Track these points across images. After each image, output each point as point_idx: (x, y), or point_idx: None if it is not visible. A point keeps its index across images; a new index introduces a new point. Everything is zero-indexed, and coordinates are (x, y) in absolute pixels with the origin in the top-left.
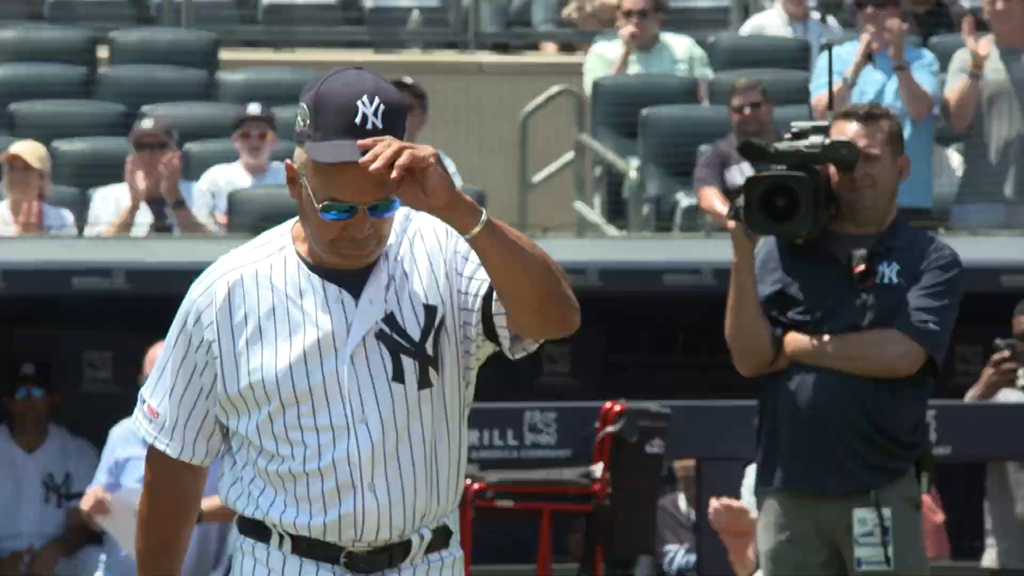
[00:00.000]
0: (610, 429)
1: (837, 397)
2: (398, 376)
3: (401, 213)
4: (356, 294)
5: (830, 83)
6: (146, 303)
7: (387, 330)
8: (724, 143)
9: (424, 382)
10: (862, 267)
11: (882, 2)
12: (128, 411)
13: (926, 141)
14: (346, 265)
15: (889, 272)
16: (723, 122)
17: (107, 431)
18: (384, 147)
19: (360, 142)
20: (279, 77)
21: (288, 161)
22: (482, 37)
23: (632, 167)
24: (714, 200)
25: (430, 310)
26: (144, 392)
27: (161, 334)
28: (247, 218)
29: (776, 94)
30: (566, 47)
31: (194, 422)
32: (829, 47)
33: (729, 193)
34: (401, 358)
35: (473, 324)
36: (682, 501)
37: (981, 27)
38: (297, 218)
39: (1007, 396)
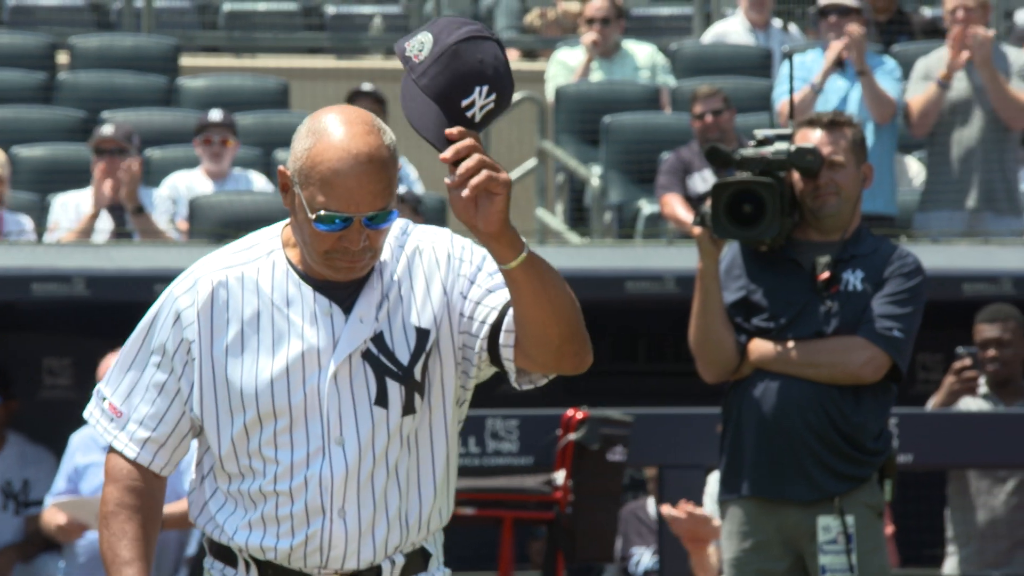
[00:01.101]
0: (572, 436)
1: (801, 404)
2: (381, 400)
3: (397, 226)
4: (346, 308)
5: (791, 91)
6: (106, 309)
7: (375, 351)
8: (686, 150)
9: (408, 408)
10: (826, 274)
11: (845, 11)
12: None
13: (889, 148)
14: (338, 278)
15: (853, 279)
16: (685, 129)
17: (66, 438)
18: (467, 149)
19: (448, 132)
20: (240, 83)
21: (282, 167)
22: None
23: (594, 174)
24: (677, 207)
25: (422, 333)
26: (105, 389)
27: (121, 341)
28: (208, 224)
29: (738, 101)
30: (528, 54)
31: (164, 428)
32: (790, 55)
33: (691, 200)
34: (387, 381)
35: (476, 350)
36: (651, 506)
37: (940, 35)
38: (287, 221)
39: (968, 404)
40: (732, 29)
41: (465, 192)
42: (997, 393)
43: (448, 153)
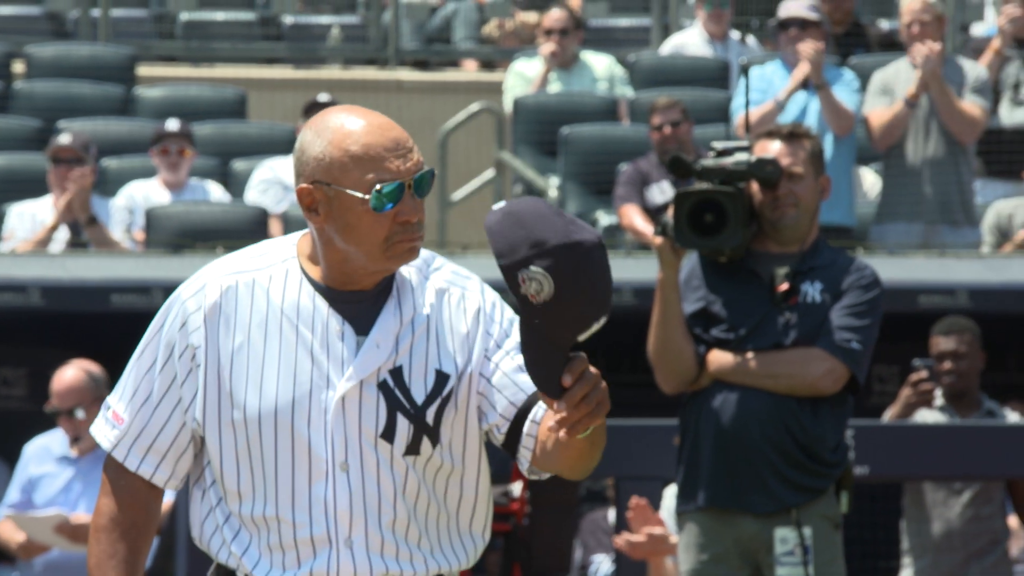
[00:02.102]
0: None
1: (760, 415)
2: (388, 434)
3: (421, 257)
4: (359, 329)
5: (747, 104)
6: (61, 320)
7: (391, 383)
8: (644, 161)
9: (413, 448)
10: (785, 285)
11: (805, 24)
12: (42, 428)
13: (848, 160)
14: (403, 262)
15: (812, 291)
16: (643, 141)
17: (21, 448)
18: (589, 384)
19: (570, 393)
20: (198, 93)
21: (302, 186)
22: (402, 54)
23: (552, 185)
24: (635, 218)
25: (441, 377)
26: (111, 398)
27: (75, 351)
28: (165, 235)
29: (696, 113)
30: (486, 65)
31: (165, 438)
32: (746, 69)
33: (649, 211)
34: (397, 416)
35: (490, 420)
36: (612, 515)
37: (896, 47)
38: (303, 232)
39: (924, 416)
40: (690, 41)
41: (561, 434)
42: (953, 405)
43: (573, 396)
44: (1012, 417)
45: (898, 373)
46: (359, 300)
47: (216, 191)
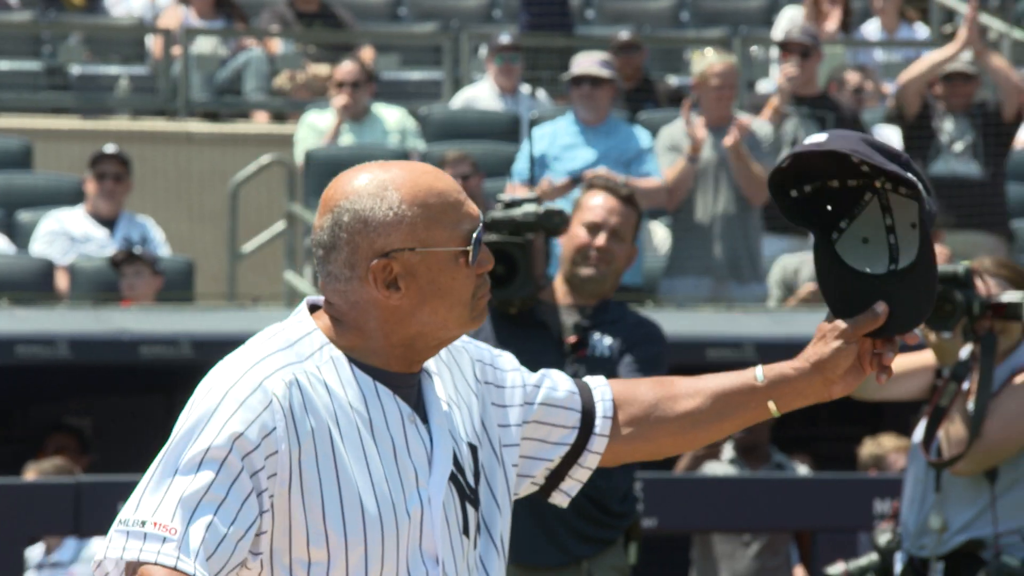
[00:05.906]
0: None
1: None
2: (466, 528)
3: None
4: (422, 417)
5: (531, 162)
6: None
7: (453, 470)
8: None
9: (475, 540)
10: (574, 338)
11: (596, 81)
12: None
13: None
14: (483, 320)
15: (600, 344)
16: None
17: None
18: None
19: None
20: None
21: (378, 261)
22: (192, 105)
23: None
24: None
25: (473, 449)
26: (137, 514)
27: None
28: None
29: (486, 166)
30: (278, 117)
31: (239, 555)
32: (531, 126)
33: None
34: (467, 507)
35: (549, 456)
36: None
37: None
38: (310, 314)
39: (713, 468)
40: (481, 94)
41: (859, 379)
42: (743, 458)
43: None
44: (801, 470)
45: None
46: (412, 384)
47: (0, 242)
